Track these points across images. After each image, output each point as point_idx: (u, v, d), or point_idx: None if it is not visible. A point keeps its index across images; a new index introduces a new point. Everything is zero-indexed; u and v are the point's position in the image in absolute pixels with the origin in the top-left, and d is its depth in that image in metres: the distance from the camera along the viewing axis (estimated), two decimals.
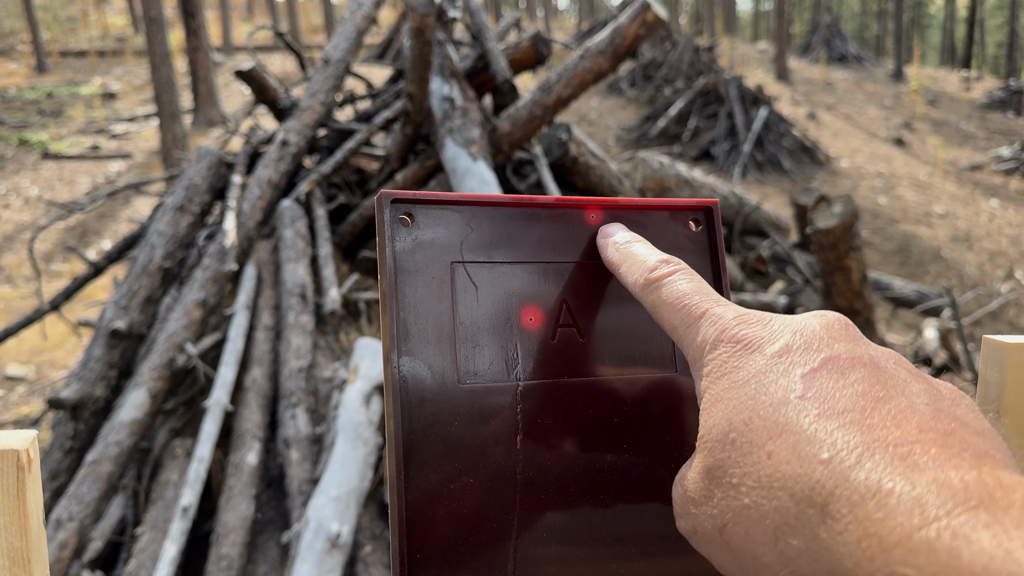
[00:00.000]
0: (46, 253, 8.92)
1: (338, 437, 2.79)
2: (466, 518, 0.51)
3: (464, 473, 0.51)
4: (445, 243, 0.54)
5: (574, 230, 0.58)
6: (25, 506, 0.51)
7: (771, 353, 0.35)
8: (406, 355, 0.51)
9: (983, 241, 10.58)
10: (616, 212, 0.60)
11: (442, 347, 0.52)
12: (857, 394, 0.32)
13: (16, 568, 0.50)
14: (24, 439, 0.51)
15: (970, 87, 23.08)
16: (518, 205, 0.58)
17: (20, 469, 0.50)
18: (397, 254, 0.52)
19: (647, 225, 0.60)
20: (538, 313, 0.55)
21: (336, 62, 3.96)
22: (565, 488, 0.54)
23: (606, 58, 3.48)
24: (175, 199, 3.56)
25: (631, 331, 0.58)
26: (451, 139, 3.41)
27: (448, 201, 0.55)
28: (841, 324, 0.37)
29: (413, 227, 0.53)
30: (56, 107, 15.40)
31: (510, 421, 0.53)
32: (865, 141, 15.44)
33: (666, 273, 0.46)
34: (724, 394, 0.36)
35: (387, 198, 0.54)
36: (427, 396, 0.51)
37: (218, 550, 2.70)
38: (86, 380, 3.22)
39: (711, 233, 0.62)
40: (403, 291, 0.52)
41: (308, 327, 3.21)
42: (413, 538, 0.51)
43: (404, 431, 0.51)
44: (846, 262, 3.72)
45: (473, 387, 0.52)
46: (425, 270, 0.53)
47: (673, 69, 15.73)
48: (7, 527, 0.50)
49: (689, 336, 0.41)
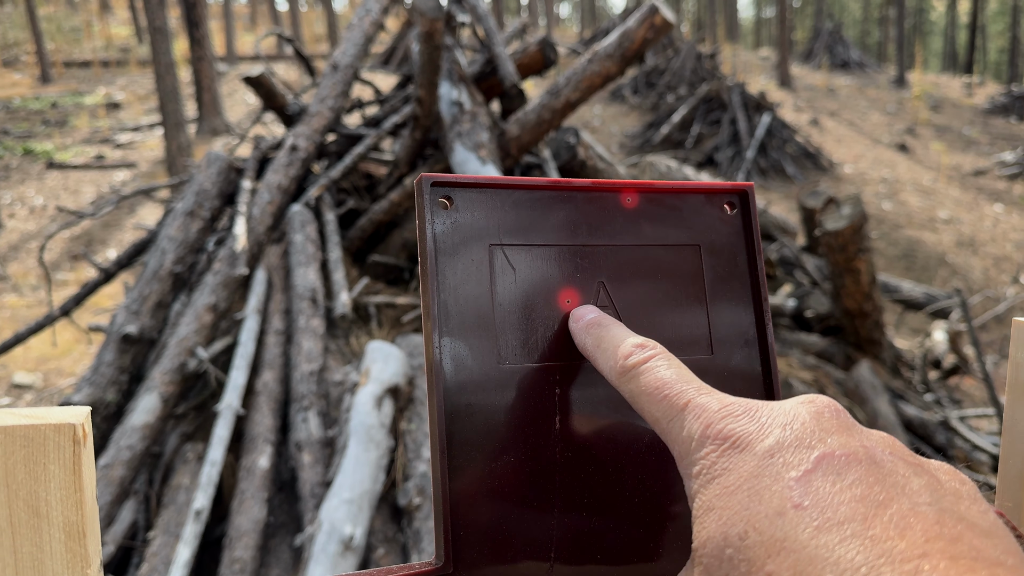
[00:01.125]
0: (52, 262, 8.94)
1: (350, 440, 2.79)
2: (507, 496, 0.52)
3: (505, 452, 0.51)
4: (483, 226, 0.54)
5: (610, 213, 0.58)
6: (81, 480, 0.51)
7: (761, 452, 0.33)
8: (447, 336, 0.51)
9: (988, 246, 10.57)
10: (651, 195, 0.60)
11: (482, 328, 0.52)
12: (856, 498, 0.30)
13: (71, 542, 0.51)
14: (80, 414, 0.52)
15: (972, 93, 23.10)
16: (555, 188, 0.58)
17: (76, 443, 0.50)
18: (437, 236, 0.53)
19: (682, 208, 0.61)
20: (575, 295, 0.55)
21: (344, 68, 3.97)
22: (603, 468, 0.55)
23: (614, 62, 3.50)
24: (185, 204, 3.57)
25: (667, 313, 0.58)
26: (460, 143, 3.42)
27: (486, 184, 0.55)
28: (832, 411, 0.35)
29: (452, 210, 0.54)
30: (60, 117, 15.46)
31: (549, 402, 0.53)
32: (868, 147, 15.45)
33: (642, 359, 0.43)
34: (716, 502, 0.33)
35: (427, 181, 0.54)
36: (468, 377, 0.52)
37: (231, 553, 2.70)
38: (97, 385, 3.22)
39: (746, 216, 0.62)
40: (443, 273, 0.53)
41: (319, 331, 3.21)
42: (457, 515, 0.51)
43: (446, 410, 0.51)
44: (855, 264, 3.72)
45: (512, 368, 0.53)
46: (464, 253, 0.53)
47: (676, 76, 15.77)
48: (63, 501, 0.51)
49: (673, 430, 0.38)
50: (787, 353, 4.03)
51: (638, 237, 0.58)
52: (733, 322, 0.59)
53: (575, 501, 0.54)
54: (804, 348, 4.14)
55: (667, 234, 0.59)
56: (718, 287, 0.60)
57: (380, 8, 4.24)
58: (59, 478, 0.51)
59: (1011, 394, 0.67)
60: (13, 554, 0.50)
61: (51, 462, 0.51)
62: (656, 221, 0.59)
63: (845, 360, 4.12)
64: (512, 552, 0.52)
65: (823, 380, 3.84)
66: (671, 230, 0.59)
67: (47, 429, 0.52)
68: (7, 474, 0.51)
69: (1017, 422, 0.67)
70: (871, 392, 3.68)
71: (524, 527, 0.52)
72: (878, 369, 4.00)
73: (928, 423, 3.70)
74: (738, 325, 0.59)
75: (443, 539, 0.51)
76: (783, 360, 3.95)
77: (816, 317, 4.26)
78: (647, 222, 0.59)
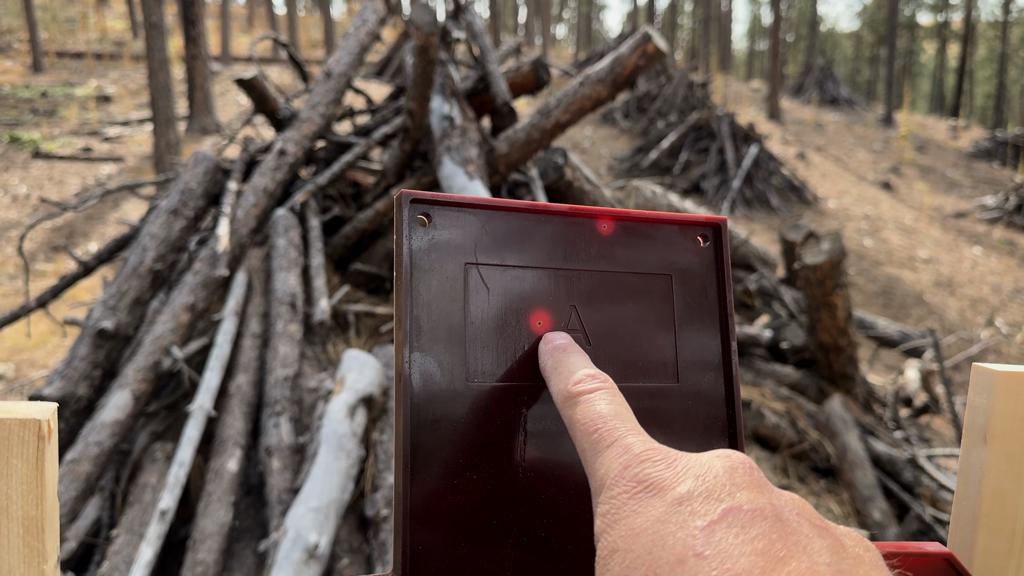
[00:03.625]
0: (30, 252, 8.85)
1: (321, 448, 2.78)
2: (468, 513, 0.52)
3: (468, 469, 0.52)
4: (460, 244, 0.55)
5: (585, 239, 0.59)
6: (43, 476, 0.52)
7: (671, 499, 0.34)
8: (417, 351, 0.52)
9: (965, 287, 10.70)
10: (627, 223, 0.62)
11: (452, 345, 0.53)
12: (757, 552, 0.30)
13: (30, 537, 0.51)
14: (46, 410, 0.52)
15: (957, 136, 23.45)
16: (532, 212, 0.59)
17: (41, 439, 0.51)
18: (413, 252, 0.54)
19: (656, 238, 0.62)
20: (547, 317, 0.56)
21: (338, 76, 3.99)
22: (565, 489, 0.55)
23: (605, 86, 3.54)
24: (169, 202, 3.56)
25: (636, 341, 0.59)
26: (449, 157, 3.44)
27: (465, 204, 0.56)
28: (745, 468, 0.35)
29: (430, 227, 0.54)
30: (50, 107, 15.36)
31: (515, 421, 0.54)
32: (853, 183, 15.64)
33: (587, 389, 0.44)
34: (620, 544, 0.33)
35: (406, 197, 0.56)
36: (436, 392, 0.52)
37: (194, 556, 2.67)
38: (69, 379, 3.20)
39: (718, 249, 0.64)
40: (417, 289, 0.53)
41: (296, 336, 3.21)
42: (417, 529, 0.52)
43: (412, 424, 0.52)
44: (832, 299, 3.77)
45: (480, 386, 0.53)
46: (440, 269, 0.54)
47: (667, 103, 15.91)
48: (24, 495, 0.51)
49: (594, 465, 0.39)
50: (760, 383, 4.06)
51: (612, 264, 0.59)
52: (700, 351, 0.60)
53: (535, 521, 0.54)
54: (778, 379, 4.17)
55: (640, 262, 0.60)
56: (687, 317, 0.60)
57: (376, 19, 4.27)
58: (21, 472, 0.51)
59: (967, 438, 0.69)
60: None
61: (14, 456, 0.52)
62: (630, 249, 0.60)
63: (818, 393, 4.15)
64: (469, 569, 0.52)
65: (795, 412, 3.87)
66: (644, 258, 0.60)
67: (12, 423, 0.52)
68: None
69: (972, 465, 0.69)
70: (842, 426, 3.71)
71: (483, 544, 0.53)
72: (850, 404, 4.04)
73: (896, 460, 3.74)
74: (704, 355, 0.60)
75: (401, 551, 0.52)
76: (756, 390, 3.98)
77: (791, 349, 4.30)
78: (621, 249, 0.59)
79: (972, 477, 0.68)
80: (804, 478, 3.66)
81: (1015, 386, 0.66)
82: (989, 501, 0.66)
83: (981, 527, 0.66)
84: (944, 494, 3.77)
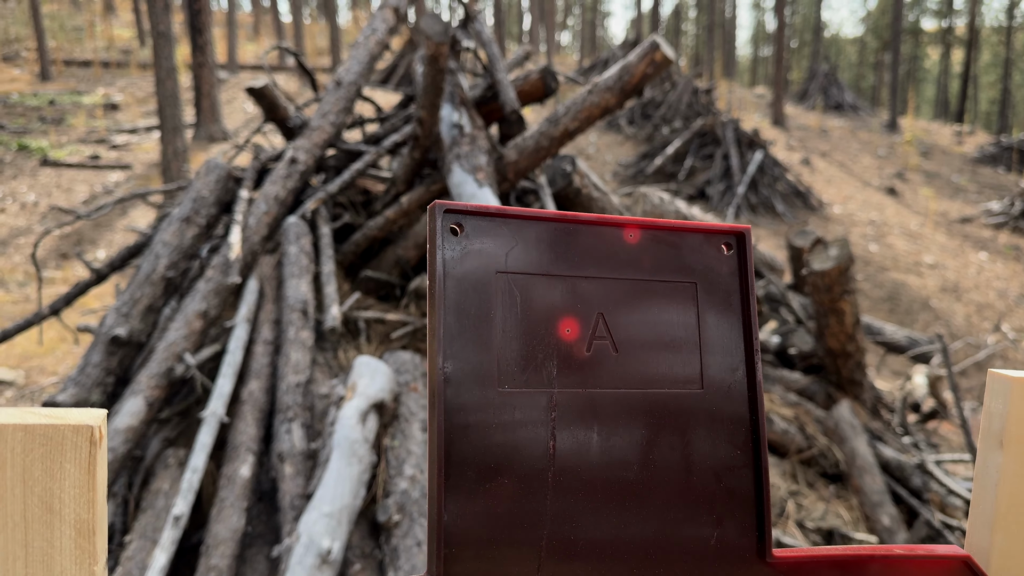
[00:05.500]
0: (40, 259, 8.89)
1: (333, 453, 2.80)
2: (499, 516, 0.54)
3: (499, 474, 0.54)
4: (491, 253, 0.56)
5: (612, 248, 0.60)
6: (95, 480, 0.54)
7: None
8: (451, 358, 0.54)
9: (971, 293, 10.68)
10: (653, 232, 0.64)
11: (484, 353, 0.55)
12: None
13: (81, 539, 0.53)
14: (97, 416, 0.54)
15: (962, 141, 23.42)
16: (562, 221, 0.61)
17: (93, 444, 0.53)
18: (446, 262, 0.55)
19: (681, 246, 0.64)
20: (575, 325, 0.58)
21: (348, 85, 4.02)
22: (593, 494, 0.57)
23: (614, 94, 3.56)
24: (182, 210, 3.59)
25: (661, 348, 0.60)
26: (458, 165, 3.46)
27: (496, 214, 0.58)
28: None
29: (462, 236, 0.56)
30: (58, 115, 15.44)
31: (544, 427, 0.55)
32: (858, 189, 15.63)
33: None
34: None
35: (440, 208, 0.58)
36: (468, 398, 0.54)
37: (207, 561, 2.69)
38: (83, 385, 3.22)
39: (742, 256, 0.65)
40: (450, 296, 0.55)
41: (308, 343, 3.23)
42: (450, 531, 0.53)
43: (445, 430, 0.54)
44: (840, 305, 3.78)
45: (511, 392, 0.55)
46: (471, 278, 0.56)
47: (672, 109, 15.93)
48: (76, 499, 0.53)
49: None
50: (769, 389, 4.07)
51: (638, 272, 0.60)
52: (724, 359, 0.62)
53: (564, 524, 0.55)
54: (786, 385, 4.18)
55: (666, 270, 0.61)
56: (711, 324, 0.62)
57: (386, 28, 4.30)
58: (74, 476, 0.53)
59: (983, 443, 0.70)
60: (24, 547, 0.53)
61: (68, 461, 0.54)
62: (656, 257, 0.61)
63: (826, 399, 4.16)
64: (501, 571, 0.53)
65: (803, 418, 3.87)
66: (670, 267, 0.61)
67: (66, 429, 0.54)
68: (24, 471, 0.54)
69: (988, 470, 0.70)
70: (850, 432, 3.72)
71: (514, 546, 0.54)
72: (858, 410, 4.05)
73: (905, 466, 3.75)
74: (729, 362, 0.62)
75: (436, 553, 0.53)
76: (765, 396, 3.99)
77: (799, 355, 4.31)
78: (647, 258, 0.61)
79: (989, 481, 0.69)
80: (813, 484, 3.67)
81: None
82: (1006, 505, 0.68)
83: (998, 531, 0.68)
84: (953, 500, 3.77)
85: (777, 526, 3.28)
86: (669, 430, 0.60)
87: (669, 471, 0.59)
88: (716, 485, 0.60)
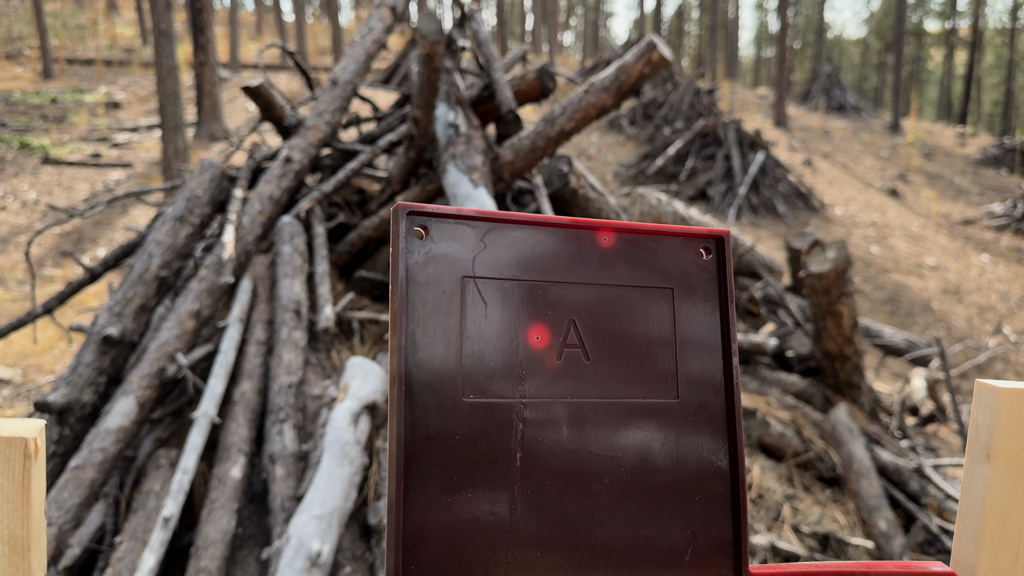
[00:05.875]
0: (39, 257, 8.88)
1: (324, 455, 2.78)
2: (462, 532, 0.52)
3: (463, 487, 0.52)
4: (458, 258, 0.54)
5: (585, 252, 0.58)
6: (29, 494, 0.51)
7: None
8: (413, 366, 0.52)
9: (972, 295, 10.64)
10: (628, 236, 0.61)
11: (448, 361, 0.53)
12: None
13: (15, 556, 0.51)
14: (33, 428, 0.52)
15: (965, 143, 23.37)
16: (532, 224, 0.58)
17: (27, 457, 0.51)
18: (410, 266, 0.53)
19: (658, 250, 0.61)
20: (545, 332, 0.56)
21: (344, 84, 4.00)
22: (562, 508, 0.54)
23: (610, 94, 3.53)
24: (175, 209, 3.57)
25: (635, 356, 0.58)
26: (453, 165, 3.43)
27: (463, 216, 0.56)
28: None
29: (427, 240, 0.54)
30: (59, 113, 15.44)
31: (511, 438, 0.53)
32: (860, 190, 15.59)
33: None
34: None
35: (403, 210, 0.55)
36: (431, 408, 0.52)
37: (197, 563, 2.67)
38: (74, 385, 3.20)
39: (721, 262, 0.63)
40: (413, 303, 0.53)
41: (300, 343, 3.20)
42: (409, 550, 0.51)
43: (406, 441, 0.51)
44: (838, 307, 3.75)
45: (476, 402, 0.53)
46: (436, 283, 0.53)
47: (673, 109, 15.90)
48: (10, 514, 0.51)
49: None
50: (766, 392, 4.04)
51: (612, 277, 0.58)
52: (701, 367, 0.59)
53: (531, 539, 0.53)
54: (783, 388, 4.15)
55: (641, 276, 0.59)
56: (689, 331, 0.60)
57: (383, 27, 4.27)
58: (7, 491, 0.51)
59: (970, 456, 0.68)
60: None
61: (0, 475, 0.51)
62: (631, 262, 0.59)
63: (823, 402, 4.13)
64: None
65: (800, 421, 3.85)
66: (646, 272, 0.59)
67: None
68: None
69: (975, 483, 0.68)
70: (847, 435, 3.69)
71: (478, 563, 0.52)
72: (855, 413, 4.02)
73: (903, 470, 3.72)
74: (705, 370, 0.60)
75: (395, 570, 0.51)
76: (762, 399, 3.96)
77: (797, 357, 4.28)
78: (622, 262, 0.59)
79: (975, 496, 0.67)
80: (809, 487, 3.64)
81: (1019, 403, 0.65)
82: (992, 520, 0.65)
83: (984, 546, 0.65)
84: (951, 504, 3.74)
85: (773, 530, 3.26)
86: (642, 442, 0.58)
87: (641, 484, 0.57)
88: (691, 499, 0.58)
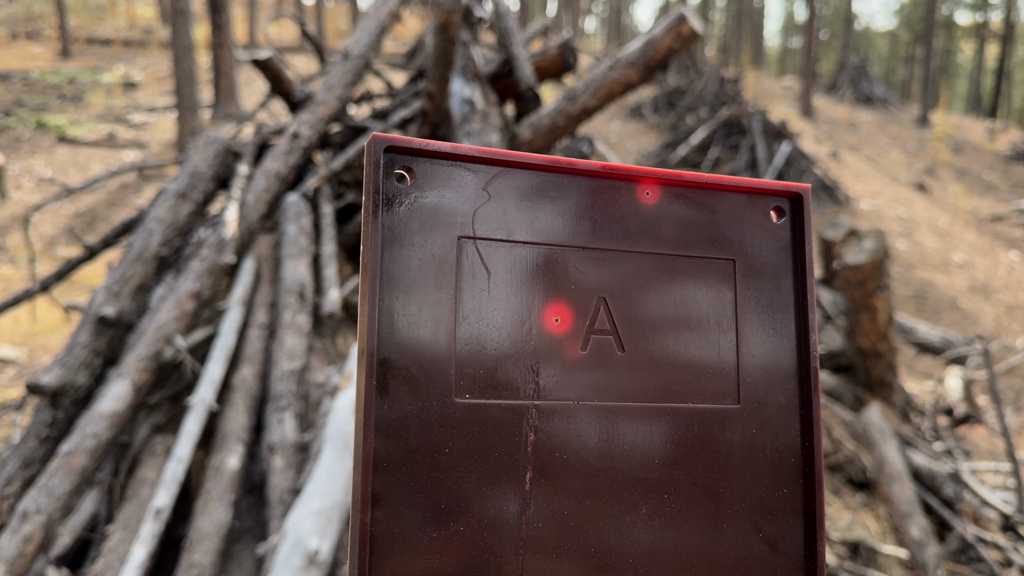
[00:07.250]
0: (52, 237, 8.84)
1: (325, 446, 2.63)
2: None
3: (452, 519, 0.39)
4: (453, 211, 0.41)
5: (622, 209, 0.45)
6: None
7: None
8: (388, 354, 0.38)
9: (1000, 293, 10.41)
10: (678, 190, 0.47)
11: (437, 348, 0.40)
12: None
13: None
14: None
15: (995, 138, 22.98)
16: (552, 170, 0.44)
17: None
18: (388, 221, 0.40)
19: (716, 210, 0.48)
20: (567, 313, 0.43)
21: (356, 57, 3.83)
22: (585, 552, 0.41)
23: (636, 70, 3.35)
24: (177, 185, 3.43)
25: (685, 347, 0.45)
26: (469, 143, 3.27)
27: (461, 156, 0.42)
28: None
29: (412, 186, 0.40)
30: (77, 92, 15.43)
31: (519, 453, 0.41)
32: (886, 184, 15.32)
33: None
34: None
35: (379, 144, 0.42)
36: (412, 412, 0.39)
37: (189, 557, 2.53)
38: (69, 366, 3.07)
39: (798, 227, 0.49)
40: (390, 269, 0.39)
41: (304, 328, 3.06)
42: None
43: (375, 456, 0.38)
44: (873, 301, 3.55)
45: (473, 404, 0.40)
46: (423, 245, 0.40)
47: (697, 98, 15.69)
48: None
49: None
50: None
51: (656, 243, 0.45)
52: (769, 364, 0.46)
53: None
54: None
55: (694, 242, 0.46)
56: (754, 317, 0.46)
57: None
58: None
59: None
60: None
61: None
62: (681, 224, 0.46)
63: (854, 401, 3.95)
64: None
65: (830, 420, 3.66)
66: (700, 237, 0.46)
67: None
68: None
69: None
70: (879, 437, 3.50)
71: None
72: (887, 413, 3.83)
73: (937, 474, 3.53)
74: (775, 369, 0.46)
75: None
76: None
77: (827, 354, 4.10)
78: (669, 225, 0.46)
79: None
80: (839, 491, 3.46)
81: None
82: None
83: None
84: (987, 511, 3.55)
85: None
86: (692, 462, 0.44)
87: (691, 518, 0.44)
88: (754, 535, 0.44)
